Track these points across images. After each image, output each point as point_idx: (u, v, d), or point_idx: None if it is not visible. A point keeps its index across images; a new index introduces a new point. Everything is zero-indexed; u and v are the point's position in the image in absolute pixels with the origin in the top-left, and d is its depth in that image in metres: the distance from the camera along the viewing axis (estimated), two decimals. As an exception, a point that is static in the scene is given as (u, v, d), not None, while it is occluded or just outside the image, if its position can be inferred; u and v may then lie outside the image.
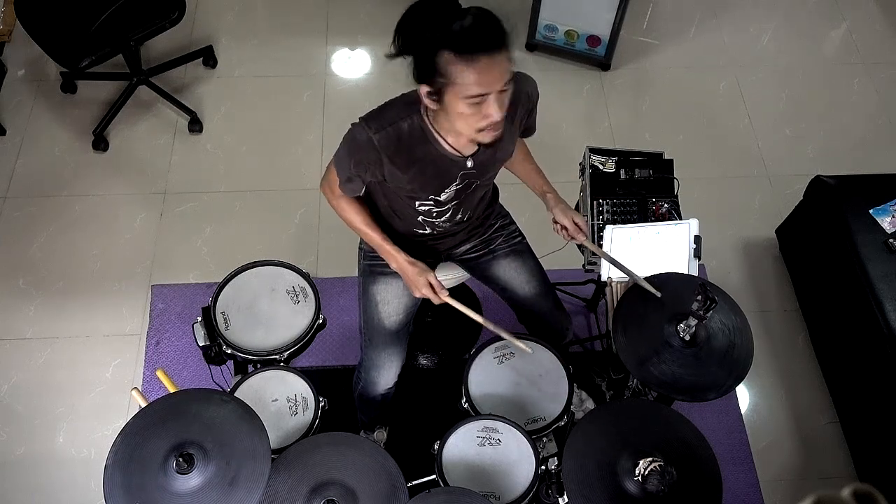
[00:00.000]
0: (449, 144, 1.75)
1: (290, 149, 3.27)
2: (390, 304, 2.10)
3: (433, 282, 1.92)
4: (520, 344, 1.95)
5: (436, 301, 1.93)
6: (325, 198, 2.01)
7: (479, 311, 2.03)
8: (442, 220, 1.96)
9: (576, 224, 2.04)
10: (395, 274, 2.07)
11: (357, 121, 1.76)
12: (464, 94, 1.56)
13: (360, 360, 2.22)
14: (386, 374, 2.17)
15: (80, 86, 3.38)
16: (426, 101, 1.63)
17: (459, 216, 1.98)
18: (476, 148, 1.78)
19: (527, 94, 1.86)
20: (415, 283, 1.92)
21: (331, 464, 1.75)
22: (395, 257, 1.94)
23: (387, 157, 1.74)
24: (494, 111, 1.59)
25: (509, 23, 1.56)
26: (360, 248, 2.18)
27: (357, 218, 1.96)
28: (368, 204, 2.01)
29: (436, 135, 1.74)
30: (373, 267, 2.11)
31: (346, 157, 1.80)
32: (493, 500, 1.87)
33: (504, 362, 2.13)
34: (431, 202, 1.88)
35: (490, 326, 1.92)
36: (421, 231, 2.01)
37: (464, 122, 1.63)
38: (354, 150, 1.76)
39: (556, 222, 2.08)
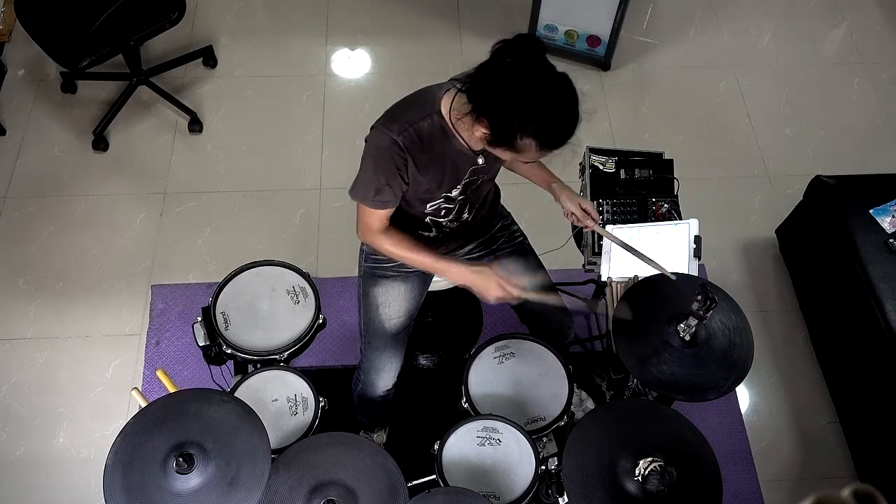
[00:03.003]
0: (464, 140, 1.76)
1: (290, 149, 3.27)
2: (391, 306, 2.10)
3: (502, 281, 1.84)
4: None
5: (513, 297, 1.86)
6: (367, 243, 1.95)
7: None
8: (449, 218, 1.96)
9: (584, 210, 2.06)
10: (396, 276, 2.08)
11: (373, 129, 1.75)
12: (524, 161, 1.69)
13: (360, 362, 2.23)
14: (385, 377, 2.18)
15: (80, 86, 3.37)
16: (477, 133, 1.65)
17: (465, 215, 1.99)
18: None
19: None
20: (486, 289, 1.84)
21: (331, 464, 1.75)
22: (455, 271, 1.88)
23: (411, 158, 1.74)
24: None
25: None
26: (361, 250, 2.17)
27: (402, 246, 1.89)
28: None
29: (454, 132, 1.75)
30: (374, 269, 2.11)
31: (371, 168, 1.77)
32: (493, 500, 1.87)
33: (504, 362, 2.13)
34: (442, 199, 1.88)
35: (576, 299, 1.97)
36: (426, 233, 2.01)
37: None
38: (379, 156, 1.74)
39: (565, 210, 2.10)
